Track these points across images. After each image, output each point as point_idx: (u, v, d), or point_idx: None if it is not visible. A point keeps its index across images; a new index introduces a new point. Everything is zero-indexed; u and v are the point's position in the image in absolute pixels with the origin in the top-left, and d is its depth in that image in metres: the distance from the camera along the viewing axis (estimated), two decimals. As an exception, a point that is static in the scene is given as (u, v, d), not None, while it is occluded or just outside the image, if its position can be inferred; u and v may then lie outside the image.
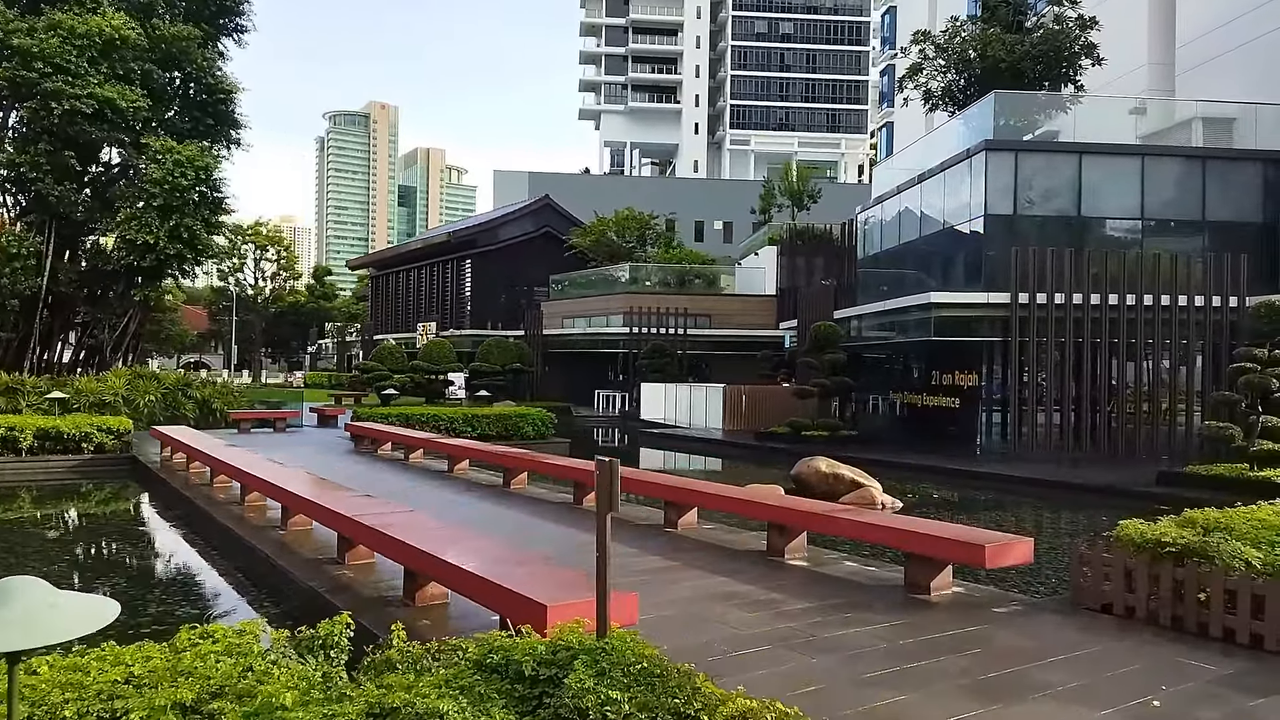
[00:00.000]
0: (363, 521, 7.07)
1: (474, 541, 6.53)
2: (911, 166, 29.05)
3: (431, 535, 6.68)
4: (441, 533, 6.82)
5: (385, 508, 7.96)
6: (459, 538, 6.66)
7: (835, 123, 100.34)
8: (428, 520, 7.41)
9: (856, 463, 18.61)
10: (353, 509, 7.67)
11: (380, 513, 7.56)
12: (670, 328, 38.23)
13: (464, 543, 6.49)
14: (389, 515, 7.37)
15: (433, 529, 6.95)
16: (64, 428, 16.75)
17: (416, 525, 7.05)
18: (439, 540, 6.52)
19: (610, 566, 4.17)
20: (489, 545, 6.38)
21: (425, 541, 6.38)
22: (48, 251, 27.75)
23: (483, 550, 6.24)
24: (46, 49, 25.63)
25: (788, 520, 8.36)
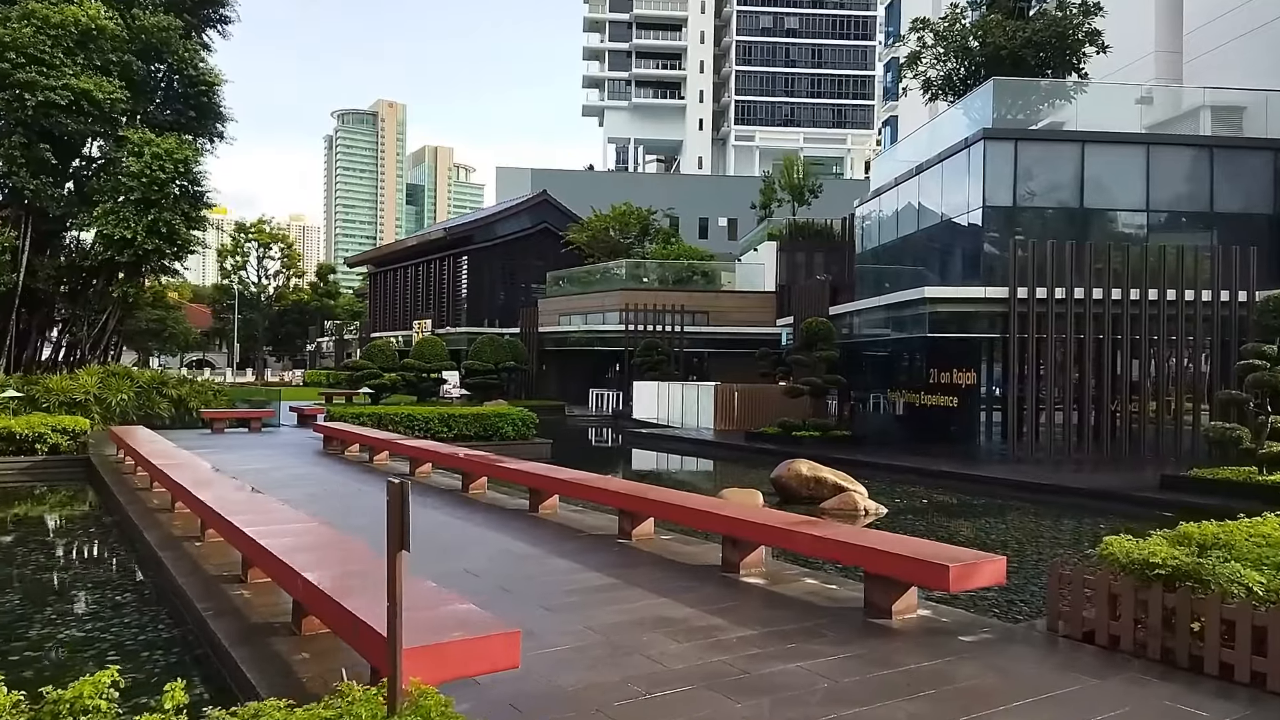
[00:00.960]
0: (259, 541, 6.30)
1: (376, 564, 5.74)
2: (910, 159, 28.19)
3: (328, 556, 5.92)
4: (338, 553, 6.05)
5: (294, 523, 7.19)
6: (361, 559, 5.89)
7: (841, 118, 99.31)
8: (334, 536, 6.64)
9: (847, 464, 17.81)
10: (254, 524, 6.91)
11: (283, 529, 6.79)
12: (667, 325, 37.45)
13: (359, 565, 5.71)
14: (288, 533, 6.60)
15: (332, 548, 6.18)
16: (16, 428, 16.08)
17: (317, 545, 6.29)
18: (335, 561, 5.76)
19: (541, 588, 3.37)
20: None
21: (320, 564, 5.62)
22: (24, 247, 27.12)
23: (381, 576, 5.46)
24: (19, 39, 25.01)
25: (742, 534, 7.58)
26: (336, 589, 4.89)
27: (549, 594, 6.92)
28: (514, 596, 6.82)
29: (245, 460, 15.94)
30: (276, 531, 6.42)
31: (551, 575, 7.55)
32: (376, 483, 13.19)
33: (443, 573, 7.52)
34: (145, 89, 29.76)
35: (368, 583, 5.16)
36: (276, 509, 7.76)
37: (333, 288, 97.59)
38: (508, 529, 9.64)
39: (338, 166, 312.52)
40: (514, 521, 10.11)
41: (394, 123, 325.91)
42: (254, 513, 7.45)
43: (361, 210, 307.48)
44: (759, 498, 13.42)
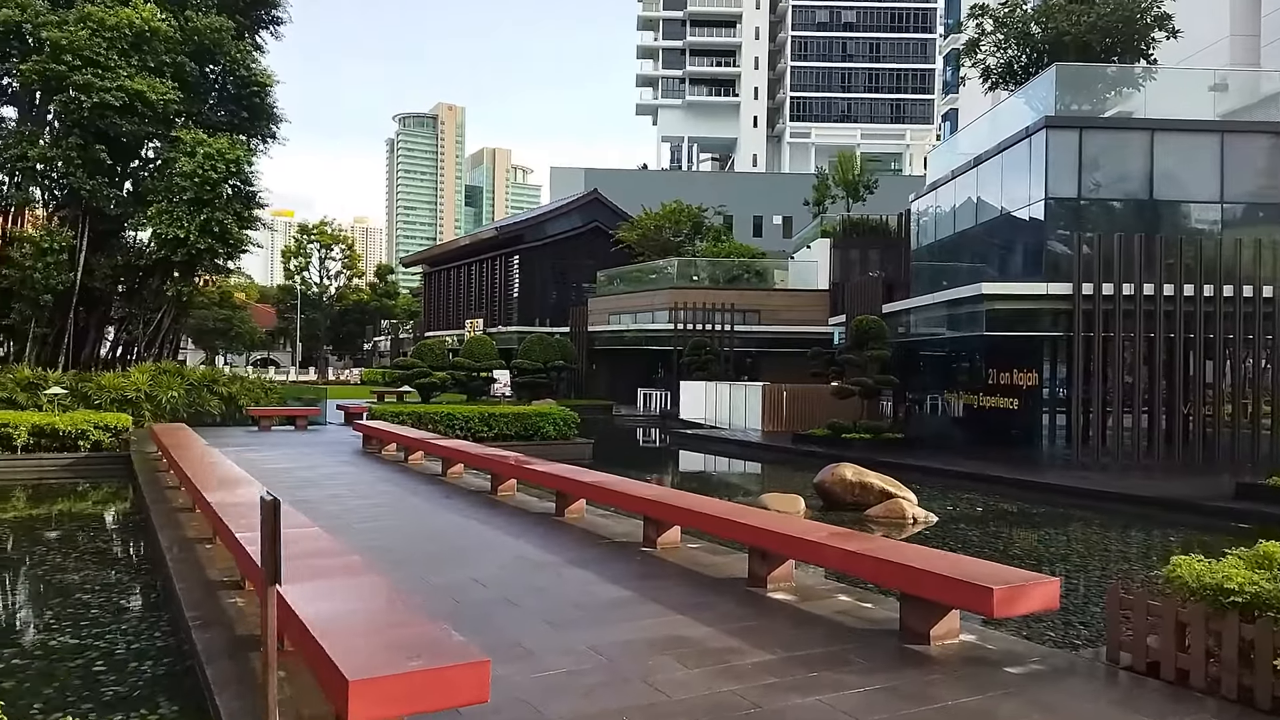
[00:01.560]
0: (246, 548, 5.94)
1: (361, 581, 5.32)
2: (968, 151, 27.16)
3: (316, 569, 5.52)
4: (328, 566, 5.65)
5: (293, 529, 6.82)
6: (351, 574, 5.48)
7: (900, 113, 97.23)
8: (331, 545, 6.25)
9: (897, 469, 17.05)
10: (249, 529, 6.55)
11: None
12: (717, 324, 36.81)
13: (346, 581, 5.30)
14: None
15: (322, 559, 5.78)
16: (60, 425, 16.22)
17: (308, 553, 5.90)
18: (320, 575, 5.37)
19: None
20: (377, 586, 5.16)
21: (302, 577, 5.23)
22: (81, 246, 27.63)
23: (367, 591, 5.04)
24: (75, 42, 25.44)
25: (767, 544, 7.01)
26: (309, 609, 4.47)
27: (556, 608, 6.45)
28: (518, 610, 6.37)
29: (281, 459, 15.83)
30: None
31: (563, 587, 7.08)
32: (407, 483, 12.91)
33: (449, 582, 7.12)
34: (198, 90, 30.13)
35: (349, 602, 4.75)
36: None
37: (391, 288, 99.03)
38: (528, 534, 9.20)
39: (399, 169, 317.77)
40: (536, 526, 9.68)
41: (453, 125, 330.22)
42: (255, 517, 7.11)
43: (421, 212, 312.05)
44: (800, 504, 12.82)
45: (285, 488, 12.18)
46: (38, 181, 28.09)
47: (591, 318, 43.39)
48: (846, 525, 12.47)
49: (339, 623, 4.20)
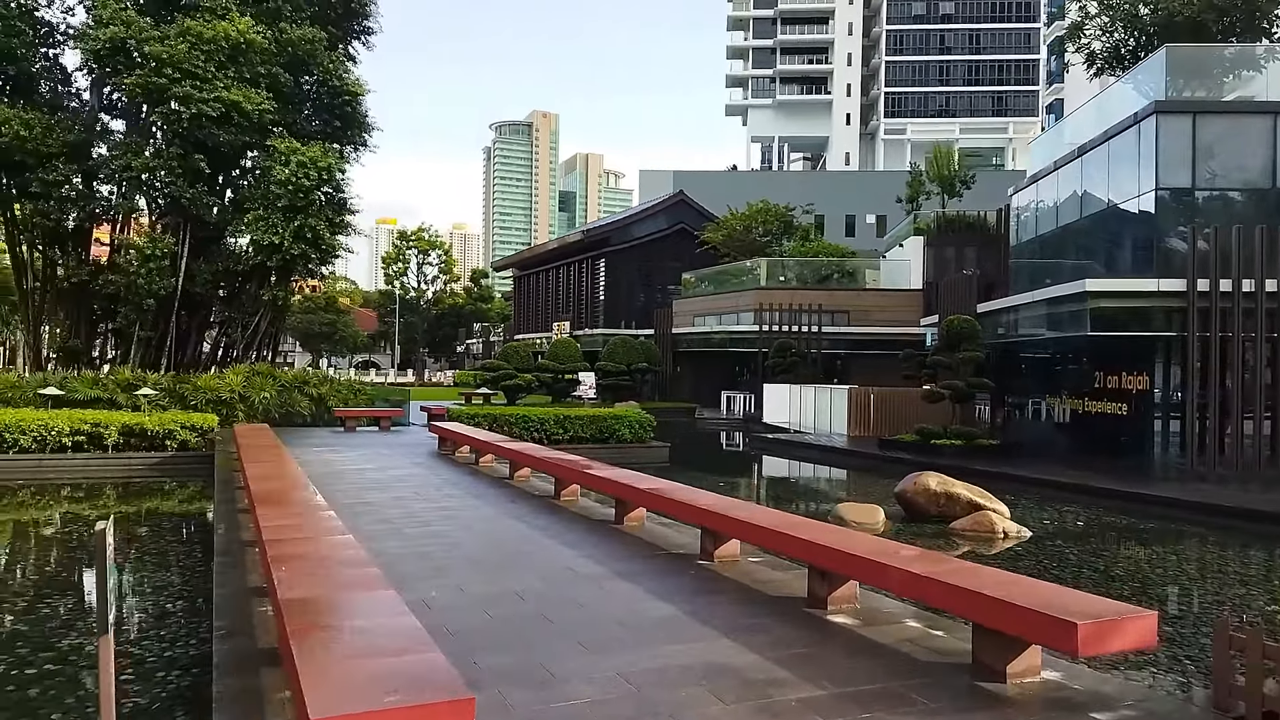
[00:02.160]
0: (272, 568, 5.70)
1: (370, 597, 4.99)
2: (1072, 140, 25.65)
3: (336, 579, 5.24)
4: (347, 575, 5.35)
5: (329, 535, 6.60)
6: (362, 586, 5.17)
7: (1002, 106, 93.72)
8: (356, 556, 5.97)
9: (991, 478, 16.07)
10: (282, 540, 6.35)
11: (307, 549, 6.19)
12: (804, 325, 35.86)
13: (350, 595, 4.99)
14: (306, 556, 5.98)
15: (344, 568, 5.49)
16: (149, 425, 16.70)
17: (336, 560, 5.62)
18: (334, 586, 5.08)
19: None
20: (383, 603, 4.81)
21: (320, 588, 4.95)
22: (182, 252, 28.73)
23: (371, 608, 4.71)
24: (175, 55, 26.43)
25: (826, 563, 6.42)
26: (298, 626, 4.15)
27: (595, 626, 6.01)
28: (552, 628, 5.95)
29: (357, 459, 15.91)
30: (292, 554, 5.79)
31: (606, 602, 6.64)
32: (473, 487, 12.70)
33: (487, 594, 6.77)
34: (292, 100, 30.98)
35: (346, 620, 4.42)
36: (321, 522, 7.21)
37: (486, 292, 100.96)
38: (582, 543, 8.80)
39: (495, 176, 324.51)
40: (592, 534, 9.27)
41: (547, 132, 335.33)
42: (291, 525, 6.92)
43: (517, 217, 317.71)
44: (879, 515, 12.07)
45: (353, 489, 12.15)
46: (143, 191, 29.34)
47: (676, 320, 42.94)
48: (928, 540, 11.70)
49: (325, 646, 3.85)
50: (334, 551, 5.76)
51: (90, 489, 15.25)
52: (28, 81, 29.07)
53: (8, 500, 14.27)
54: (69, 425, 15.96)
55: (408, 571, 7.39)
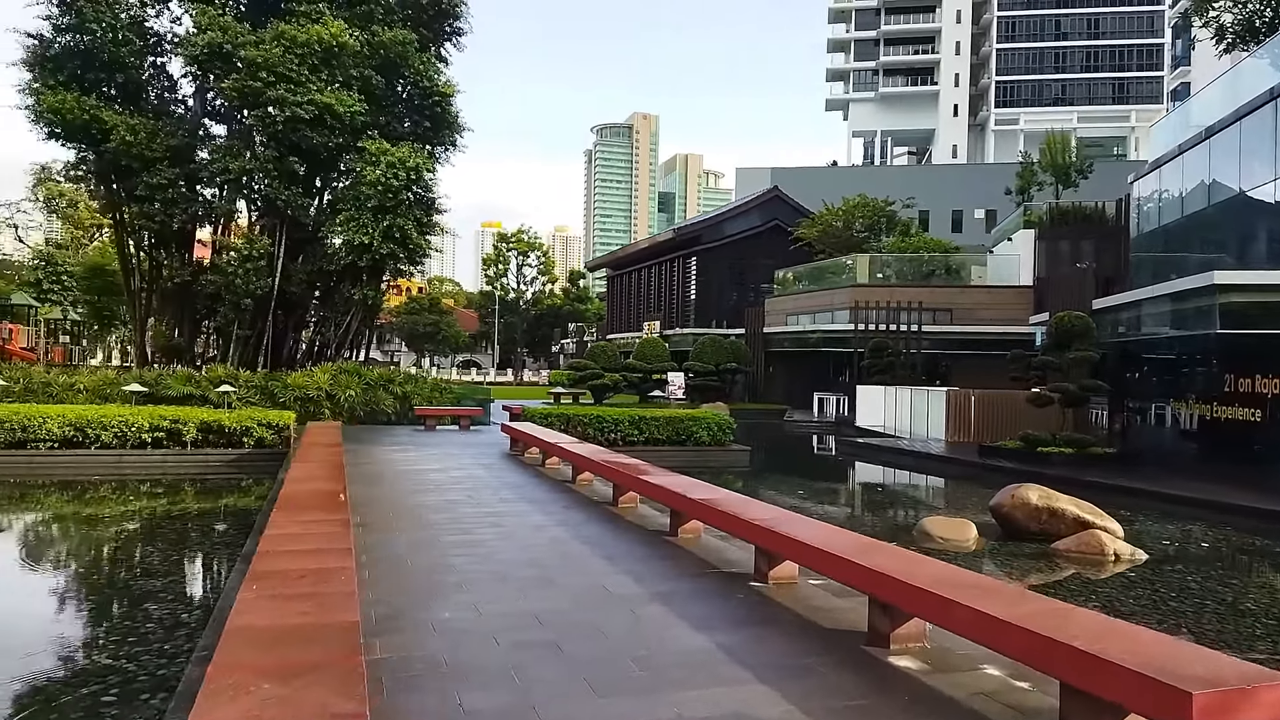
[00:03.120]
0: (250, 575, 5.15)
1: (324, 626, 4.37)
2: (1199, 122, 23.47)
3: (301, 606, 4.64)
4: (317, 603, 4.74)
5: (328, 548, 6.04)
6: (319, 617, 4.55)
7: (1122, 93, 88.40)
8: (337, 589, 5.36)
9: (1105, 491, 14.58)
10: (278, 546, 5.82)
11: (303, 566, 5.64)
12: (902, 324, 34.19)
13: (301, 631, 4.36)
14: (292, 574, 5.42)
15: (325, 594, 4.88)
16: (226, 422, 16.81)
17: (308, 586, 5.03)
18: (291, 615, 4.47)
19: None
20: (339, 641, 4.17)
21: (284, 612, 4.36)
22: (279, 253, 29.35)
23: (327, 650, 4.07)
24: (270, 59, 26.96)
25: (886, 594, 5.47)
26: (215, 677, 3.52)
27: (611, 662, 5.24)
28: (561, 662, 5.21)
29: (424, 459, 15.59)
30: (273, 571, 5.23)
31: (634, 631, 5.86)
32: (532, 491, 12.11)
33: (504, 616, 6.09)
34: (384, 102, 31.29)
35: (261, 681, 3.79)
36: (330, 532, 6.67)
37: (584, 292, 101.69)
38: (627, 557, 8.04)
39: (595, 178, 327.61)
40: (640, 548, 8.50)
41: (647, 134, 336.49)
42: (296, 534, 6.41)
43: (617, 219, 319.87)
44: (970, 531, 10.90)
45: (405, 492, 11.73)
46: (241, 193, 30.13)
47: (768, 318, 41.73)
48: (1025, 561, 10.46)
49: (232, 699, 3.20)
50: (323, 570, 5.16)
51: (168, 484, 15.39)
52: (136, 89, 30.21)
53: (90, 494, 14.51)
54: (149, 422, 16.19)
55: (426, 587, 6.79)
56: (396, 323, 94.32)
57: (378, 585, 6.77)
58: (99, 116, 27.62)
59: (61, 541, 11.64)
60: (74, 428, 15.82)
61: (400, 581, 6.93)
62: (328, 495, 8.25)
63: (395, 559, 7.72)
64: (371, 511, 10.09)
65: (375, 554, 7.88)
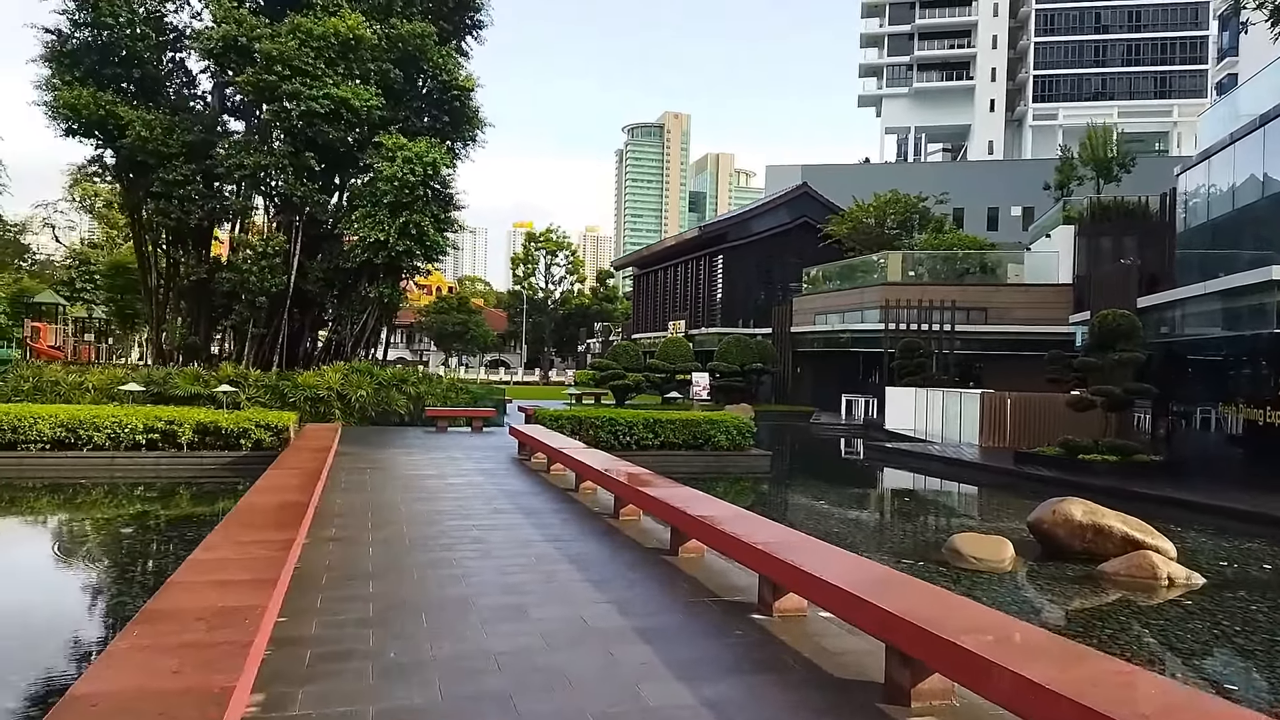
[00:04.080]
0: (141, 615, 4.35)
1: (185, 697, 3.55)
2: (1250, 111, 22.15)
3: (172, 665, 3.84)
4: (202, 657, 3.94)
5: (238, 584, 5.24)
6: (199, 676, 3.74)
7: (1165, 87, 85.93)
8: (261, 616, 4.55)
9: (1152, 504, 13.48)
10: (194, 575, 5.02)
11: (227, 578, 4.84)
12: (934, 323, 32.99)
13: (226, 643, 3.55)
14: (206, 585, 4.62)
15: (214, 645, 4.08)
16: (224, 423, 16.18)
17: (206, 631, 4.23)
18: (160, 677, 3.67)
19: None
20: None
21: (150, 672, 3.55)
22: (295, 250, 28.84)
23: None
24: (285, 52, 26.42)
25: (915, 649, 4.54)
26: None
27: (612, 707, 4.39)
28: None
29: (426, 464, 14.84)
30: (171, 610, 4.43)
31: (607, 677, 5.00)
32: (529, 501, 11.28)
33: (463, 652, 5.26)
34: (402, 96, 30.68)
35: None
36: (267, 556, 5.88)
37: (612, 292, 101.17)
38: (615, 581, 7.17)
39: (626, 178, 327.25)
40: (635, 569, 7.63)
41: (678, 133, 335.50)
42: (225, 559, 5.62)
43: (648, 219, 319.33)
44: (1007, 550, 9.90)
45: (397, 500, 10.95)
46: (258, 189, 29.65)
47: (796, 318, 40.64)
48: (1068, 585, 9.43)
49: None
50: (230, 610, 4.34)
51: (159, 488, 14.78)
52: (154, 84, 29.86)
53: (72, 499, 13.93)
54: (143, 423, 15.60)
55: (379, 617, 5.95)
56: (425, 322, 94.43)
57: (324, 613, 5.97)
58: (115, 112, 27.29)
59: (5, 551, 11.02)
60: (66, 428, 15.27)
61: (350, 609, 6.11)
62: (290, 509, 7.47)
63: (355, 580, 6.92)
64: (349, 523, 9.33)
65: (336, 573, 7.09)
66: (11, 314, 49.01)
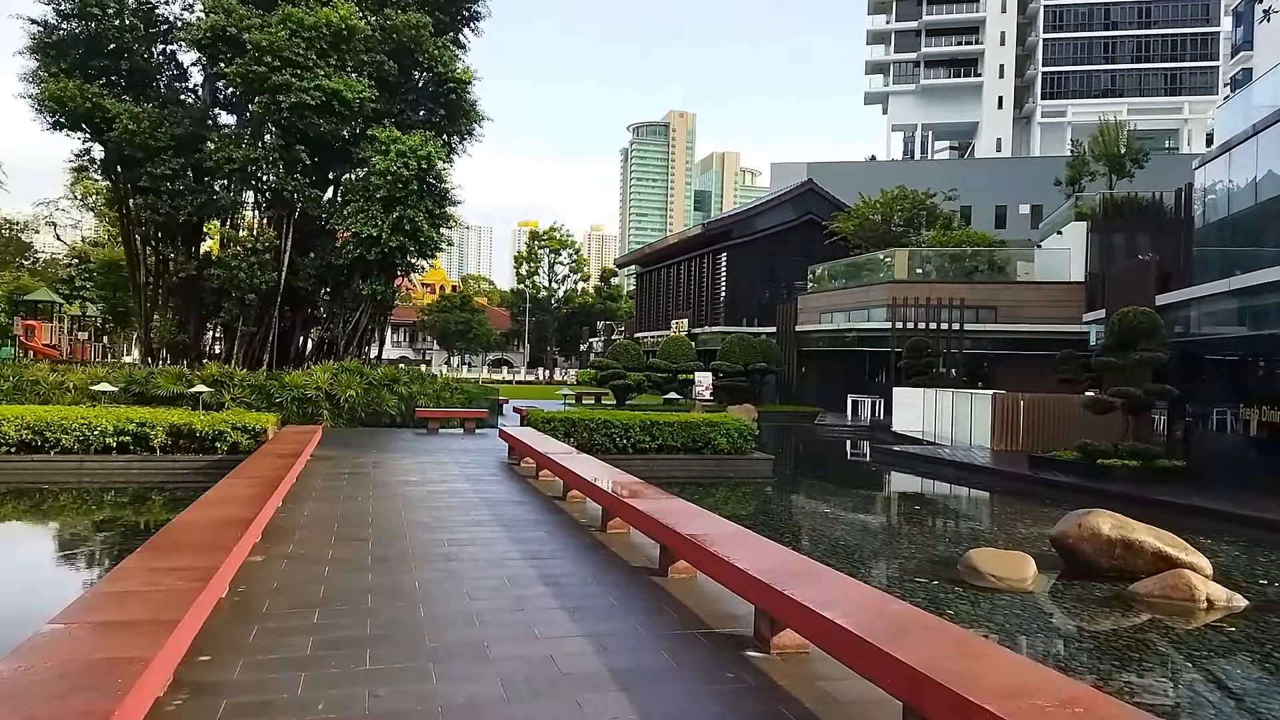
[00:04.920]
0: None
1: None
2: (1270, 103, 21.31)
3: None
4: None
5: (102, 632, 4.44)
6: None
7: (1175, 84, 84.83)
8: (124, 669, 3.76)
9: (1180, 513, 12.66)
10: (78, 616, 4.23)
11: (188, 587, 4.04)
12: (943, 322, 32.14)
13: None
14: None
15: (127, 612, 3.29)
16: (198, 425, 15.40)
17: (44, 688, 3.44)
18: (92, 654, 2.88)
19: None
20: None
21: None
22: (285, 246, 28.11)
23: None
24: (275, 42, 25.69)
25: (936, 712, 3.73)
26: None
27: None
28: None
29: (411, 469, 14.06)
30: (25, 678, 3.64)
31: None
32: (511, 511, 10.48)
33: (393, 710, 4.45)
34: (397, 89, 29.93)
35: None
36: (171, 587, 5.10)
37: (616, 290, 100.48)
38: (597, 609, 6.38)
39: (632, 177, 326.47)
40: (618, 593, 6.83)
41: (684, 132, 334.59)
42: (121, 592, 4.83)
43: (653, 218, 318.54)
44: (1029, 567, 9.08)
45: (368, 510, 10.17)
46: (249, 184, 28.91)
47: (801, 316, 39.79)
48: (1096, 608, 8.61)
49: None
50: (101, 663, 3.55)
51: (130, 494, 14.03)
52: (143, 77, 29.17)
53: (30, 505, 13.18)
54: (113, 424, 14.84)
55: (307, 656, 5.15)
56: (428, 321, 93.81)
57: (254, 651, 5.17)
58: (101, 104, 26.60)
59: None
60: (32, 430, 14.51)
61: (285, 647, 5.30)
62: (231, 527, 6.68)
63: (299, 609, 6.11)
64: (311, 538, 8.54)
65: (281, 599, 6.30)
66: (10, 312, 48.46)
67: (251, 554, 7.62)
